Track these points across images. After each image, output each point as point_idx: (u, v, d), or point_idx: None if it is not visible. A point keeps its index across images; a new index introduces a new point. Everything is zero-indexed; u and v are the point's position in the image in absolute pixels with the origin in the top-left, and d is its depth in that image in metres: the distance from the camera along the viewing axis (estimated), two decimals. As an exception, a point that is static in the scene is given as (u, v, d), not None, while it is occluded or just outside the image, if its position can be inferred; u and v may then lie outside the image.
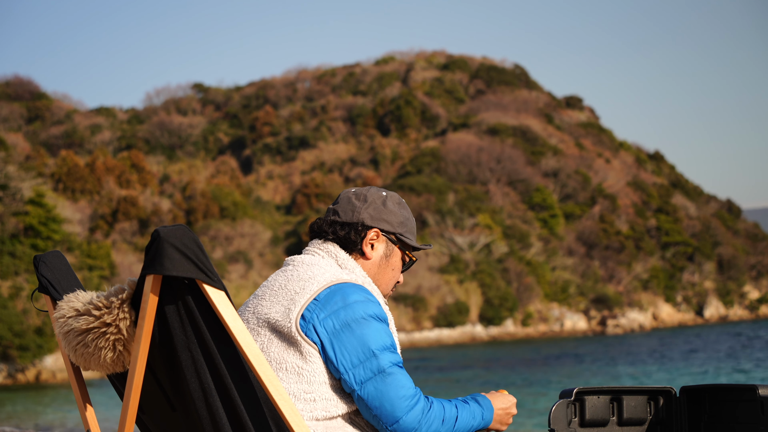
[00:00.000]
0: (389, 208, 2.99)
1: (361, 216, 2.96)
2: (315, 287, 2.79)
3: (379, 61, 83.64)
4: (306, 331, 2.73)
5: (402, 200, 3.05)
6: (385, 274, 3.00)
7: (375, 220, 2.97)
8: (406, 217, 3.03)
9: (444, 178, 64.01)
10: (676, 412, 3.44)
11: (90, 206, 55.45)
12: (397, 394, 2.70)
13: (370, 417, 2.73)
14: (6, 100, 71.08)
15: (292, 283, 2.83)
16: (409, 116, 73.25)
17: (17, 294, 36.92)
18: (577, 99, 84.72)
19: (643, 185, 72.66)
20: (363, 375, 2.71)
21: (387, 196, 3.01)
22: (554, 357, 39.85)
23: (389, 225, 2.98)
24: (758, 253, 72.87)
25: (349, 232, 2.95)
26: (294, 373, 2.73)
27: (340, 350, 2.72)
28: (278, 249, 59.14)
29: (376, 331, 2.74)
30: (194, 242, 2.40)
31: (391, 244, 2.99)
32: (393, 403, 2.69)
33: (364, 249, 2.96)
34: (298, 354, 2.74)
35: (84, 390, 2.87)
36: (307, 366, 2.73)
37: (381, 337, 2.75)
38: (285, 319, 2.75)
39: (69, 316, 2.62)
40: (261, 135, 75.42)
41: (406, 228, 3.01)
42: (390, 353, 2.74)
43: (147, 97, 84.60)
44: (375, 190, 3.02)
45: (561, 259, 62.39)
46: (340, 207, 2.99)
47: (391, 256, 3.00)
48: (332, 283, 2.80)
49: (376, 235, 2.96)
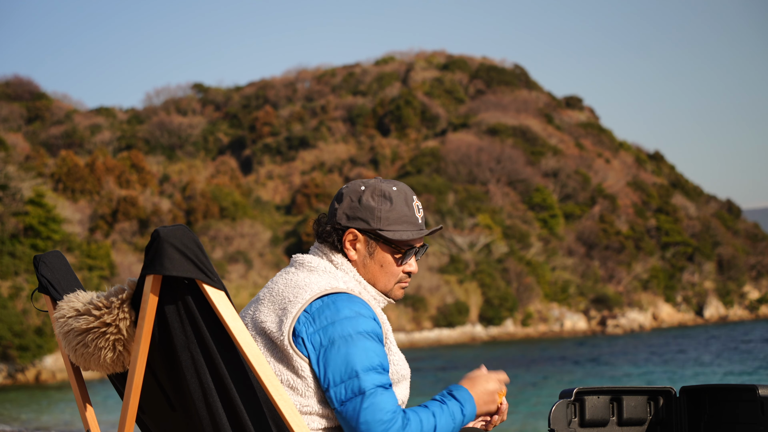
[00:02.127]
0: (365, 203, 2.87)
1: (336, 217, 2.89)
2: (307, 296, 2.73)
3: (379, 61, 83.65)
4: (297, 343, 2.69)
5: (390, 188, 2.89)
6: (375, 273, 2.89)
7: (350, 220, 2.87)
8: (389, 208, 2.87)
9: (444, 178, 64.01)
10: (676, 412, 3.43)
11: (90, 206, 55.44)
12: (374, 417, 2.63)
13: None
14: (6, 100, 71.06)
15: (288, 290, 2.78)
16: (409, 116, 73.26)
17: (17, 294, 36.92)
18: (577, 99, 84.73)
19: (643, 185, 72.66)
20: (343, 394, 2.65)
21: (364, 190, 2.88)
22: (554, 357, 39.85)
23: (364, 223, 2.86)
24: (758, 253, 72.86)
25: (331, 234, 2.89)
26: (288, 386, 2.70)
27: (325, 367, 2.66)
28: (278, 249, 59.14)
29: (363, 350, 2.67)
30: (194, 242, 2.40)
31: (372, 241, 2.88)
32: (369, 426, 2.63)
33: (346, 251, 2.88)
34: (290, 367, 2.70)
35: (84, 390, 2.87)
36: (300, 380, 2.70)
37: (368, 357, 2.67)
38: (278, 331, 2.72)
39: (69, 316, 2.62)
40: (261, 135, 75.42)
41: (389, 221, 2.86)
42: (375, 374, 2.67)
43: (147, 97, 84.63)
44: (355, 184, 2.92)
45: (561, 259, 62.39)
46: (330, 206, 2.94)
47: (375, 254, 2.88)
48: (325, 292, 2.74)
49: (353, 236, 2.87)
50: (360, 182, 2.92)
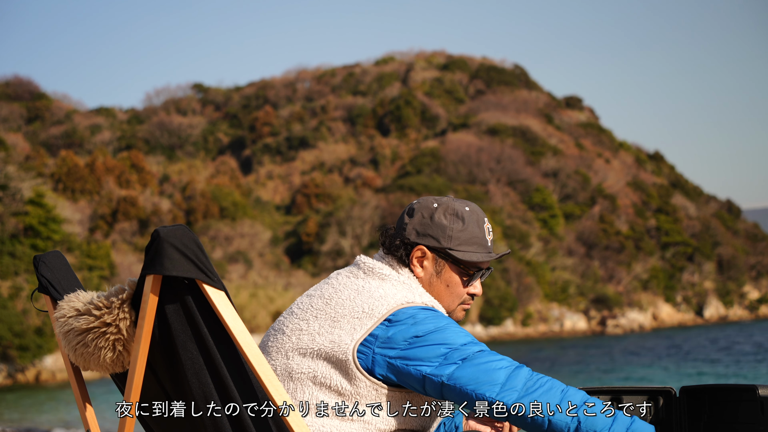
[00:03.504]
0: (437, 221, 2.81)
1: (406, 232, 2.82)
2: (384, 309, 2.66)
3: (379, 62, 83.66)
4: (363, 357, 2.61)
5: (463, 208, 2.84)
6: (441, 292, 2.83)
7: (420, 237, 2.81)
8: (461, 228, 2.82)
9: (444, 178, 64.02)
10: (676, 412, 3.43)
11: (90, 206, 55.46)
12: (494, 365, 2.55)
13: (466, 402, 2.56)
14: (6, 100, 71.08)
15: (361, 298, 2.69)
16: (409, 116, 73.27)
17: (17, 294, 36.92)
18: (576, 99, 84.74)
19: (643, 185, 72.66)
20: (448, 368, 2.55)
21: (437, 208, 2.83)
22: (554, 357, 39.86)
23: (435, 241, 2.80)
24: (758, 254, 72.85)
25: (399, 248, 2.82)
26: (335, 391, 2.64)
27: (416, 362, 2.58)
28: (278, 249, 59.17)
29: (453, 332, 2.61)
30: (194, 242, 2.41)
31: (441, 260, 2.82)
32: (491, 374, 2.53)
33: (413, 267, 2.81)
34: (343, 374, 2.64)
35: (84, 390, 2.87)
36: (351, 388, 2.63)
37: (462, 335, 2.61)
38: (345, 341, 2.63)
39: (69, 316, 2.62)
40: (261, 135, 75.43)
41: (460, 240, 2.81)
42: (473, 344, 2.59)
43: (147, 98, 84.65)
44: (428, 200, 2.85)
45: (561, 260, 62.41)
46: (399, 219, 2.88)
47: (442, 273, 2.82)
48: (401, 306, 2.67)
49: (421, 252, 2.81)
50: (433, 199, 2.86)
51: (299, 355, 2.71)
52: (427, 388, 2.59)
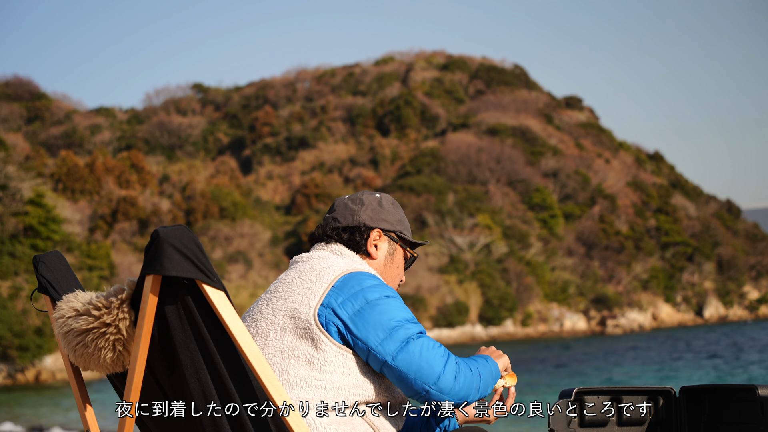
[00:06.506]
0: (385, 208, 3.10)
1: (361, 218, 3.06)
2: (331, 275, 2.87)
3: (379, 62, 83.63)
4: (324, 318, 2.80)
5: (395, 201, 3.15)
6: (390, 273, 3.09)
7: (375, 221, 3.06)
8: (402, 215, 3.14)
9: (444, 178, 64.01)
10: (676, 413, 3.43)
11: (90, 206, 55.44)
12: (432, 353, 2.78)
13: (406, 385, 2.80)
14: (6, 100, 71.05)
15: (306, 274, 2.91)
16: (409, 116, 73.25)
17: (17, 294, 36.91)
18: (576, 99, 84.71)
19: (643, 185, 72.64)
20: (392, 346, 2.78)
21: (381, 198, 3.12)
22: (554, 357, 39.86)
23: (389, 224, 3.08)
24: (758, 254, 72.82)
25: (353, 234, 3.04)
26: (305, 360, 2.79)
27: (365, 328, 2.79)
28: (278, 249, 59.15)
29: (395, 307, 2.83)
30: (194, 242, 2.41)
31: (393, 242, 3.09)
32: (430, 362, 2.77)
33: (369, 250, 3.05)
34: (310, 341, 2.79)
35: (84, 390, 2.87)
36: (318, 354, 2.78)
37: (402, 311, 2.84)
38: (303, 306, 2.83)
39: (69, 317, 2.62)
40: (261, 135, 75.42)
41: (404, 226, 3.12)
42: (413, 324, 2.83)
43: (147, 98, 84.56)
44: (368, 193, 3.13)
45: (561, 260, 62.39)
46: (339, 213, 3.08)
47: (394, 254, 3.10)
48: (347, 271, 2.90)
49: (378, 235, 3.06)
50: (368, 192, 3.14)
51: (268, 336, 2.87)
52: (371, 360, 2.81)
